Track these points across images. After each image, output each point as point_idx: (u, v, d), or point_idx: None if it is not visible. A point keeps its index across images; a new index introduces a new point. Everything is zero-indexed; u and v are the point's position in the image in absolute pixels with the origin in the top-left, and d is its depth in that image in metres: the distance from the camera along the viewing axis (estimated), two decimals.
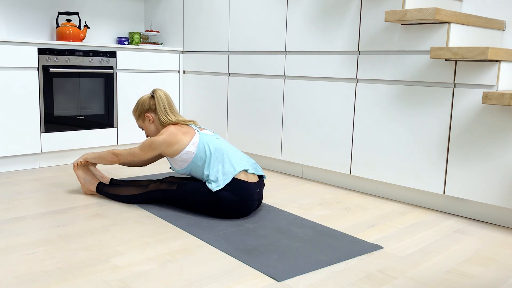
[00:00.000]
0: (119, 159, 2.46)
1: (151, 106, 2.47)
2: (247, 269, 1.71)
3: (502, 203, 2.23)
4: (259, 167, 2.39)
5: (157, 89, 2.50)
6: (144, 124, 2.51)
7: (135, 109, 2.52)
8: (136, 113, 2.52)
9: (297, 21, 3.03)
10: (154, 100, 2.47)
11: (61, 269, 1.66)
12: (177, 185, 2.33)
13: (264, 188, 2.63)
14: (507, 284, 1.67)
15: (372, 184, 2.78)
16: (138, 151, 2.40)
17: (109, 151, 2.48)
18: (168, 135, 2.34)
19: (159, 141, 2.34)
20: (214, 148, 2.30)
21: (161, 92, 2.50)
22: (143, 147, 2.38)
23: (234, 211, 2.23)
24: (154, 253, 1.82)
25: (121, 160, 2.46)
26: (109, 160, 2.48)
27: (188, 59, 3.89)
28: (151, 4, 4.22)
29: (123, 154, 2.45)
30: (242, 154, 2.38)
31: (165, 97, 2.49)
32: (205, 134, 2.38)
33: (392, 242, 2.02)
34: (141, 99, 2.51)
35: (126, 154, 2.44)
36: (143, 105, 2.48)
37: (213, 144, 2.32)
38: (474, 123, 2.29)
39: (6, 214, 2.25)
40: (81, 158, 2.57)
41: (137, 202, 2.43)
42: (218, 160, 2.27)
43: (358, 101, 2.75)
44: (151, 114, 2.47)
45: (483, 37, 2.57)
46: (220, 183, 2.20)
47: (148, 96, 2.50)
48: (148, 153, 2.38)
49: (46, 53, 3.16)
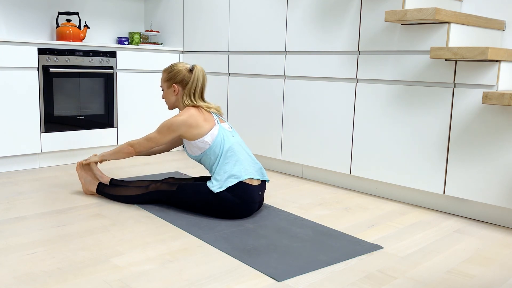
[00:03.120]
0: (135, 148, 2.36)
1: (184, 79, 2.33)
2: (247, 269, 1.71)
3: (502, 203, 2.23)
4: (264, 172, 2.37)
5: (197, 66, 2.35)
6: (167, 91, 2.39)
7: (167, 71, 2.37)
8: (165, 75, 2.38)
9: (297, 21, 3.03)
10: (190, 76, 2.33)
11: (61, 269, 1.66)
12: (177, 186, 2.32)
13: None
14: (507, 284, 1.67)
15: (372, 184, 2.78)
16: (155, 135, 2.30)
17: (125, 143, 2.40)
18: (188, 117, 2.25)
19: (179, 121, 2.24)
20: (228, 147, 2.26)
21: (200, 71, 2.34)
22: (161, 129, 2.28)
23: (235, 213, 2.22)
24: (154, 253, 1.82)
25: (138, 149, 2.36)
26: (125, 153, 2.38)
27: (188, 59, 3.89)
28: (151, 4, 4.22)
29: (139, 142, 2.34)
30: (252, 158, 2.34)
31: (202, 79, 2.34)
32: (224, 129, 2.31)
33: (392, 242, 2.02)
34: (177, 66, 2.36)
35: (142, 141, 2.33)
36: (177, 74, 2.34)
37: (228, 142, 2.27)
38: (474, 123, 2.29)
39: (6, 214, 2.25)
40: (95, 157, 2.50)
41: (137, 203, 2.43)
42: (228, 160, 2.24)
43: (358, 101, 2.75)
44: (179, 87, 2.35)
45: (483, 37, 2.57)
46: (223, 184, 2.19)
47: (186, 68, 2.35)
48: (166, 136, 2.28)
49: (46, 53, 3.16)
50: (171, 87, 2.36)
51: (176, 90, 2.35)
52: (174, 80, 2.34)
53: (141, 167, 3.32)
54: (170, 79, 2.36)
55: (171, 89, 2.37)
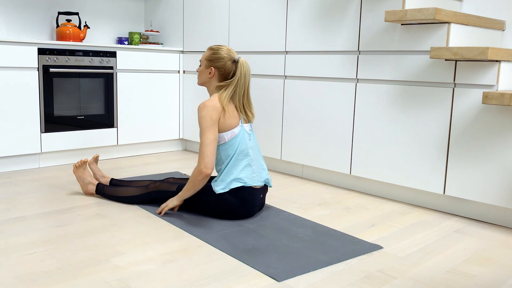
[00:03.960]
0: (206, 164, 2.12)
1: (223, 67, 2.23)
2: (247, 269, 1.71)
3: (502, 203, 2.23)
4: (270, 180, 2.35)
5: (241, 60, 2.23)
6: (204, 69, 2.29)
7: (212, 51, 2.25)
8: (208, 54, 2.27)
9: (297, 21, 3.03)
10: (231, 67, 2.23)
11: (61, 269, 1.66)
12: (177, 186, 2.31)
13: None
14: (507, 284, 1.67)
15: (372, 184, 2.78)
16: (206, 133, 2.14)
17: (193, 172, 2.16)
18: (216, 102, 2.18)
19: (211, 104, 2.16)
20: (241, 150, 2.21)
21: (246, 68, 2.22)
22: (203, 122, 2.15)
23: (235, 214, 2.22)
24: (154, 253, 1.82)
25: (208, 164, 2.12)
26: (201, 180, 2.14)
27: (188, 59, 3.89)
28: (151, 4, 4.22)
29: (201, 157, 2.13)
30: (261, 165, 2.31)
31: (244, 78, 2.23)
32: (244, 131, 2.25)
33: (392, 242, 2.02)
34: (222, 52, 2.23)
35: (202, 153, 2.14)
36: (218, 60, 2.23)
37: (243, 145, 2.22)
38: (474, 123, 2.29)
39: (6, 214, 2.25)
40: (174, 201, 2.24)
41: (137, 203, 2.43)
42: (238, 163, 2.20)
43: (358, 101, 2.75)
44: (216, 71, 2.25)
45: (483, 37, 2.57)
46: (226, 186, 2.18)
47: (231, 58, 2.23)
48: (214, 122, 2.15)
49: (46, 53, 3.16)
50: (209, 68, 2.26)
51: (212, 73, 2.25)
52: (214, 63, 2.24)
53: (141, 167, 3.32)
54: (211, 60, 2.24)
55: (208, 69, 2.27)
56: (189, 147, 4.08)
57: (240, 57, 2.25)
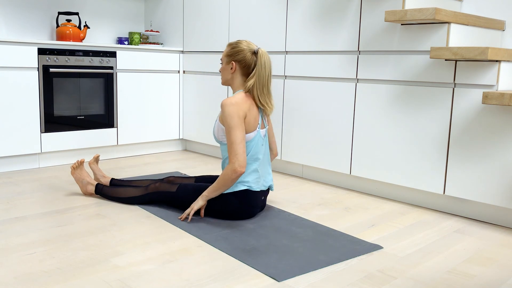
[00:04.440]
0: (239, 163, 2.08)
1: (244, 59, 2.20)
2: (247, 269, 1.71)
3: (502, 203, 2.23)
4: (273, 184, 2.33)
5: (261, 50, 2.20)
6: (225, 66, 2.27)
7: (231, 46, 2.24)
8: (227, 50, 2.25)
9: (297, 21, 3.03)
10: (252, 58, 2.20)
11: (61, 269, 1.66)
12: (177, 186, 2.30)
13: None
14: (507, 284, 1.67)
15: (372, 184, 2.78)
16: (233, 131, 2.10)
17: (224, 171, 2.12)
18: (240, 99, 2.15)
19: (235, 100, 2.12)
20: (251, 155, 2.20)
21: (265, 58, 2.19)
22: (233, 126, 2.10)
23: (235, 215, 2.22)
24: (154, 253, 1.82)
25: (241, 163, 2.08)
26: (234, 179, 2.11)
27: (188, 59, 3.89)
28: (151, 4, 4.22)
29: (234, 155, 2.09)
30: (268, 169, 2.30)
31: (264, 65, 2.18)
32: (260, 137, 2.23)
33: (392, 242, 2.02)
34: (242, 44, 2.21)
35: (235, 152, 2.09)
36: (238, 52, 2.20)
37: (255, 150, 2.20)
38: (474, 123, 2.29)
39: (6, 214, 2.25)
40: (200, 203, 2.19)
41: (136, 204, 2.43)
42: (248, 165, 2.19)
43: (358, 101, 2.75)
44: (237, 65, 2.22)
45: (483, 37, 2.57)
46: (231, 188, 2.17)
47: (251, 49, 2.20)
48: (240, 118, 2.11)
49: (46, 53, 3.16)
50: (230, 63, 2.24)
51: (234, 68, 2.22)
52: (234, 57, 2.21)
53: (141, 167, 3.32)
54: (231, 55, 2.22)
55: (229, 65, 2.24)
56: (189, 147, 4.08)
57: (260, 47, 2.22)
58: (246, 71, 2.22)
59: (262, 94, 2.20)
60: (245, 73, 2.23)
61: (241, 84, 2.25)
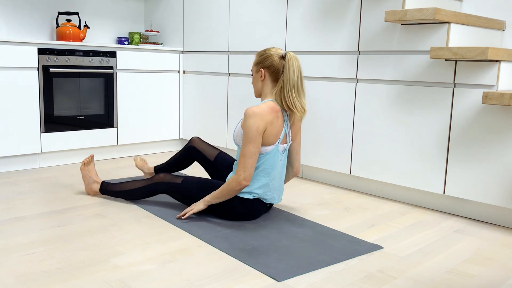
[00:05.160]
0: (245, 176, 2.06)
1: (272, 65, 2.14)
2: (247, 269, 1.71)
3: (502, 203, 2.23)
4: (281, 196, 2.30)
5: (289, 54, 2.14)
6: (255, 75, 2.22)
7: (259, 54, 2.20)
8: (256, 58, 2.21)
9: (297, 21, 3.03)
10: (281, 63, 2.15)
11: (61, 269, 1.66)
12: (182, 178, 2.27)
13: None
14: (507, 284, 1.67)
15: (372, 184, 2.78)
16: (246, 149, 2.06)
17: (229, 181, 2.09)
18: (266, 109, 2.09)
19: (261, 110, 2.06)
20: (264, 168, 2.15)
21: (294, 60, 2.13)
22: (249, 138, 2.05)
23: (237, 218, 2.21)
24: (154, 253, 1.82)
25: (247, 176, 2.07)
26: (237, 190, 2.09)
27: (188, 59, 3.89)
28: (151, 4, 4.22)
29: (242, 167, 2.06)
30: (280, 185, 2.26)
31: (293, 68, 2.12)
32: (278, 151, 2.16)
33: (392, 242, 2.02)
34: (270, 50, 2.17)
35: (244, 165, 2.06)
36: (266, 59, 2.15)
37: (270, 164, 2.15)
38: (474, 123, 2.29)
39: (6, 214, 2.25)
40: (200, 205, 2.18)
41: (141, 196, 2.39)
42: (259, 178, 2.15)
43: (358, 101, 2.75)
44: (266, 72, 2.17)
45: (483, 37, 2.57)
46: (240, 194, 2.15)
47: (279, 54, 2.15)
48: (256, 138, 2.06)
49: (46, 53, 3.16)
50: (259, 71, 2.19)
51: (263, 76, 2.17)
52: (263, 64, 2.16)
53: None
54: (260, 62, 2.18)
55: (258, 73, 2.19)
56: None
57: (288, 51, 2.18)
58: (275, 77, 2.16)
59: (290, 96, 2.13)
60: (275, 79, 2.17)
61: (270, 91, 2.20)
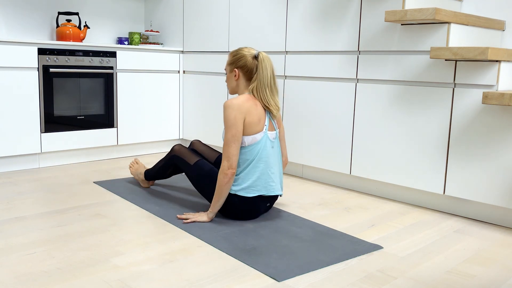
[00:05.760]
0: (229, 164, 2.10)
1: (246, 65, 2.22)
2: (247, 269, 1.71)
3: (502, 203, 2.23)
4: (282, 190, 2.31)
5: (262, 54, 2.22)
6: (229, 74, 2.29)
7: (233, 54, 2.27)
8: (230, 58, 2.28)
9: (297, 21, 3.03)
10: (253, 63, 2.21)
11: (61, 269, 1.66)
12: (196, 160, 2.34)
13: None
14: (507, 284, 1.67)
15: (372, 184, 2.78)
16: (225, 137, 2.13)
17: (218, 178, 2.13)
18: (244, 101, 2.15)
19: (236, 102, 2.13)
20: (259, 157, 2.17)
21: (266, 61, 2.21)
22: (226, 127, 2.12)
23: (237, 216, 2.22)
24: (154, 253, 1.82)
25: (231, 163, 2.10)
26: (226, 183, 2.11)
27: (188, 59, 3.89)
28: (151, 4, 4.22)
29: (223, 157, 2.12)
30: (279, 174, 2.28)
31: (265, 67, 2.20)
32: (267, 138, 2.21)
33: (392, 242, 2.02)
34: (243, 51, 2.24)
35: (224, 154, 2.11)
36: (240, 59, 2.23)
37: (264, 153, 2.18)
38: (474, 123, 2.29)
39: (6, 214, 2.25)
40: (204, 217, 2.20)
41: (167, 168, 2.57)
42: (256, 169, 2.16)
43: (358, 101, 2.75)
44: (240, 72, 2.24)
45: (483, 37, 2.57)
46: (239, 191, 2.15)
47: (251, 54, 2.22)
48: (238, 121, 2.12)
49: (46, 53, 3.16)
50: (233, 71, 2.26)
51: (237, 75, 2.24)
52: (236, 64, 2.24)
53: None
54: (233, 62, 2.25)
55: (232, 73, 2.27)
56: None
57: (261, 51, 2.25)
58: (249, 76, 2.24)
59: (265, 95, 2.21)
60: (248, 78, 2.25)
61: (245, 89, 2.27)
